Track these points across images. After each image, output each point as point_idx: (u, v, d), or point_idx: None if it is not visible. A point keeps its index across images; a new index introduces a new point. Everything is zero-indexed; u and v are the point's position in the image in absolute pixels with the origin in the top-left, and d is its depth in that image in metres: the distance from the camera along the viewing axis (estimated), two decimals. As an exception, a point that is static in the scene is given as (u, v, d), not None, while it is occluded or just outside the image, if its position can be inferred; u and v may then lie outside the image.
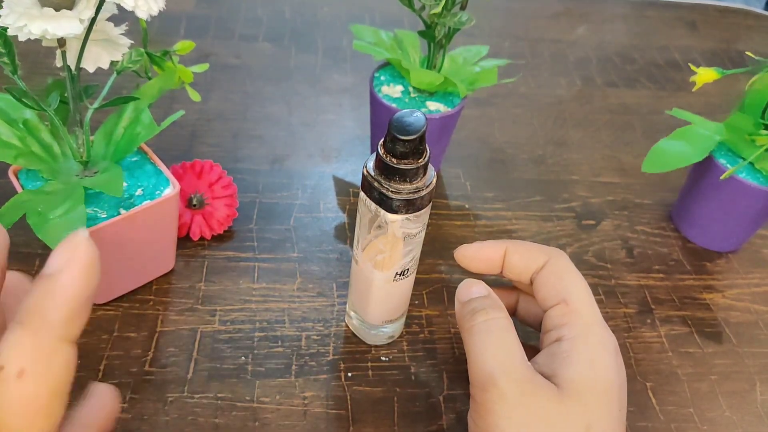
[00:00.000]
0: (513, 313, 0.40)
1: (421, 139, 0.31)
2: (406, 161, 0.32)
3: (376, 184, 0.33)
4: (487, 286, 0.36)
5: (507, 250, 0.37)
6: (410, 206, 0.33)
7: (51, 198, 0.36)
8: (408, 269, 0.38)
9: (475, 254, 0.38)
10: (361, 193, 0.34)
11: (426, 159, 0.32)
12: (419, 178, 0.33)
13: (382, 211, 0.33)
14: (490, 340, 0.33)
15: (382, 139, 0.32)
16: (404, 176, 0.32)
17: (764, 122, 0.47)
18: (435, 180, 0.33)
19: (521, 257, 0.37)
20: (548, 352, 0.33)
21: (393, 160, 0.32)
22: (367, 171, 0.33)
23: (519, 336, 0.33)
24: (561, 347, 0.33)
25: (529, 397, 0.31)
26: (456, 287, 0.36)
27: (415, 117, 0.31)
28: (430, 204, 0.35)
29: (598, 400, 0.31)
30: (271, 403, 0.39)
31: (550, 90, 0.69)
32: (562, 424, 0.30)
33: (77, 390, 0.37)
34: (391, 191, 0.32)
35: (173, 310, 0.43)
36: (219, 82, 0.63)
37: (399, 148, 0.31)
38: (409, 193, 0.32)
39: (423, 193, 0.33)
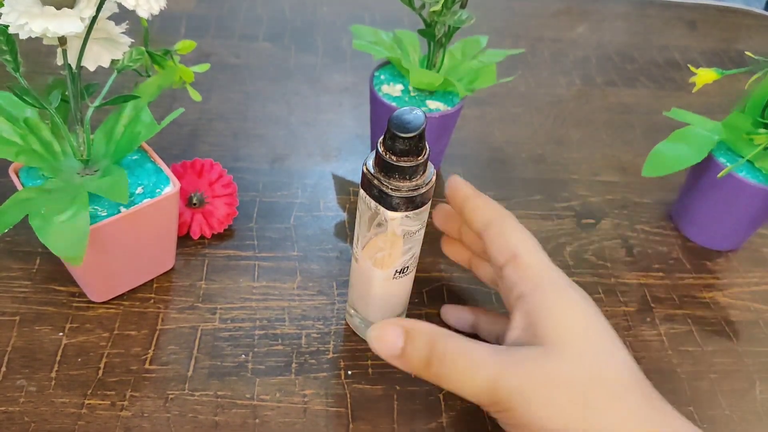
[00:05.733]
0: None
1: (421, 137, 0.31)
2: (405, 158, 0.32)
3: (375, 181, 0.33)
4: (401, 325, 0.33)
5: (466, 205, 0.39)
6: (410, 203, 0.33)
7: (53, 197, 0.36)
8: (408, 267, 0.38)
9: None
10: (361, 191, 0.35)
11: (425, 156, 0.32)
12: (419, 176, 0.33)
13: (382, 209, 0.33)
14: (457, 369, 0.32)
15: (382, 137, 0.32)
16: (404, 173, 0.32)
17: (764, 121, 0.47)
18: (434, 177, 0.33)
19: (474, 212, 0.39)
20: (520, 311, 0.34)
21: (392, 157, 0.32)
22: (366, 168, 0.33)
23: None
24: (525, 304, 0.34)
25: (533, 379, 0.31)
26: (456, 286, 0.36)
27: (414, 114, 0.31)
28: (430, 201, 0.35)
29: (582, 342, 0.32)
30: (271, 401, 0.39)
31: (549, 89, 0.69)
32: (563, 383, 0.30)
33: (78, 388, 0.38)
34: (391, 188, 0.32)
35: (174, 308, 0.43)
36: (219, 81, 0.63)
37: (398, 146, 0.31)
38: (409, 190, 0.32)
39: (422, 190, 0.33)
